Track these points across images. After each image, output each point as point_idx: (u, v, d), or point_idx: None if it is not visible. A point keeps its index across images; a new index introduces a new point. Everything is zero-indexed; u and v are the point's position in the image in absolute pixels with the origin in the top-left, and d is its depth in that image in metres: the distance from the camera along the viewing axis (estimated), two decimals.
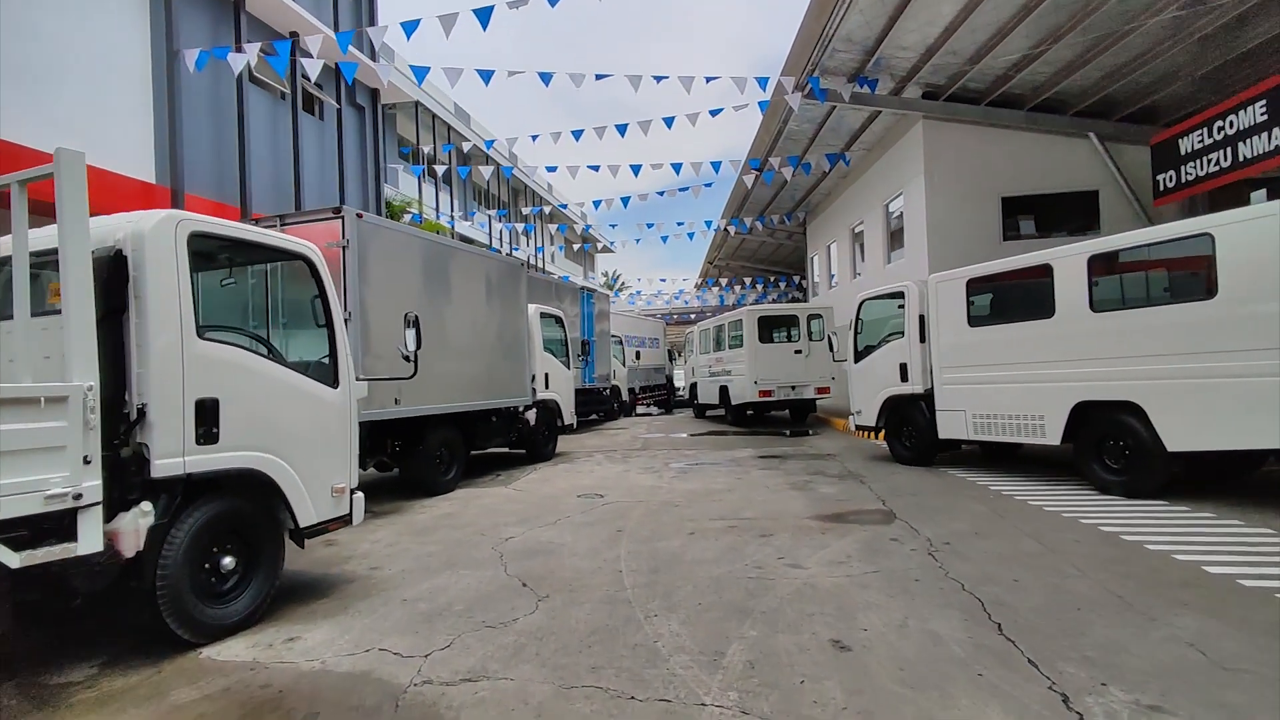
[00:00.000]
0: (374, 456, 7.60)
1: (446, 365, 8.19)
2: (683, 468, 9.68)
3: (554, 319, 11.70)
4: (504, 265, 9.77)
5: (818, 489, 7.64)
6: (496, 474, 9.65)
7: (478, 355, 8.89)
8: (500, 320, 9.52)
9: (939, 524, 5.75)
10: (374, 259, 7.08)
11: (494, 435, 9.44)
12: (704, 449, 11.92)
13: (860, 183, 16.55)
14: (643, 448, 12.37)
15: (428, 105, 19.79)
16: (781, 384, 14.66)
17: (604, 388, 18.64)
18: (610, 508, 6.98)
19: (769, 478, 8.51)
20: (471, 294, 8.87)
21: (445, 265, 8.31)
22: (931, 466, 8.87)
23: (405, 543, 5.83)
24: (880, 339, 9.65)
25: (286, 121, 11.39)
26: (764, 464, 9.73)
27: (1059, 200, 12.18)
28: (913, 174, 12.92)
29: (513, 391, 9.71)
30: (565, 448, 12.55)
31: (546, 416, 10.88)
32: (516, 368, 9.86)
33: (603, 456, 11.22)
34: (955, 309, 8.17)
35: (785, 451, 11.12)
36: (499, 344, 9.43)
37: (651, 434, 15.16)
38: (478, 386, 8.84)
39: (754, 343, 14.70)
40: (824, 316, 15.03)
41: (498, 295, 9.49)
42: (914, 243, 13.20)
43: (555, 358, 11.34)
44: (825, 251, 21.02)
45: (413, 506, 7.45)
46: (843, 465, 9.39)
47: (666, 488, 8.05)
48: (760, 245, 29.81)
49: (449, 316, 8.32)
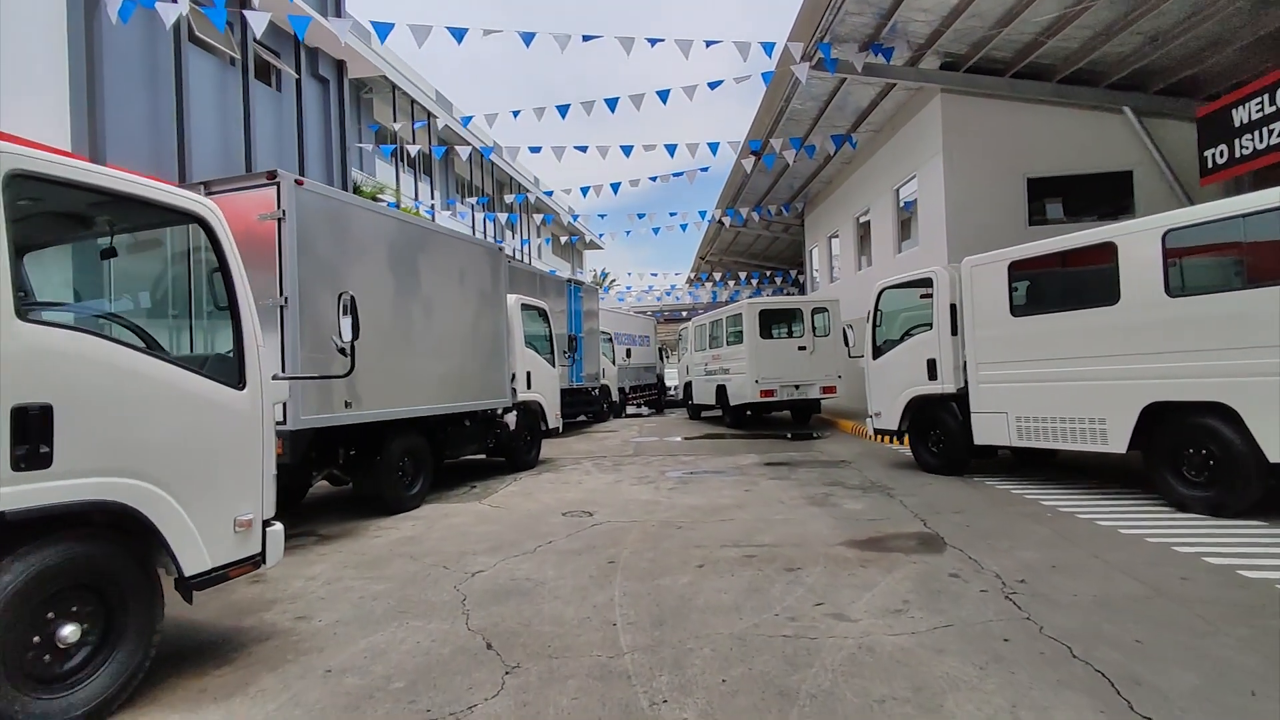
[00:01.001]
0: (322, 468, 6.53)
1: (411, 362, 7.14)
2: (681, 477, 8.67)
3: (537, 312, 10.66)
4: (480, 250, 8.72)
5: (841, 504, 6.66)
6: (471, 485, 8.61)
7: (448, 351, 7.84)
8: (475, 312, 8.47)
9: (1002, 553, 4.78)
10: (319, 235, 6.01)
11: (468, 442, 8.39)
12: (703, 454, 10.93)
13: (867, 167, 15.63)
14: (635, 453, 11.37)
15: (402, 85, 18.66)
16: (784, 383, 13.70)
17: (593, 387, 17.62)
18: (601, 530, 5.96)
19: (781, 489, 7.53)
20: (441, 281, 7.82)
21: (409, 247, 7.25)
22: (963, 476, 7.92)
23: (349, 579, 4.78)
24: (903, 332, 8.69)
25: (236, 91, 10.28)
26: (772, 472, 8.75)
27: (1089, 182, 11.29)
28: (929, 154, 11.99)
29: (489, 392, 8.67)
30: (550, 453, 11.52)
31: (528, 420, 9.84)
32: (494, 366, 8.82)
33: (591, 464, 10.20)
34: (995, 297, 7.21)
35: (793, 457, 10.15)
36: (473, 339, 8.38)
37: (644, 437, 14.16)
38: (448, 387, 7.79)
39: (755, 338, 13.73)
40: (830, 310, 14.08)
41: (472, 283, 8.45)
42: (929, 229, 12.27)
43: (538, 355, 10.30)
44: (826, 243, 20.11)
45: (367, 528, 6.39)
46: (862, 474, 8.43)
47: (665, 503, 7.05)
48: (755, 239, 28.91)
49: (414, 307, 7.27)
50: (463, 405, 8.05)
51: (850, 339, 9.38)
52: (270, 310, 5.59)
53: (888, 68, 11.10)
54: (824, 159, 16.57)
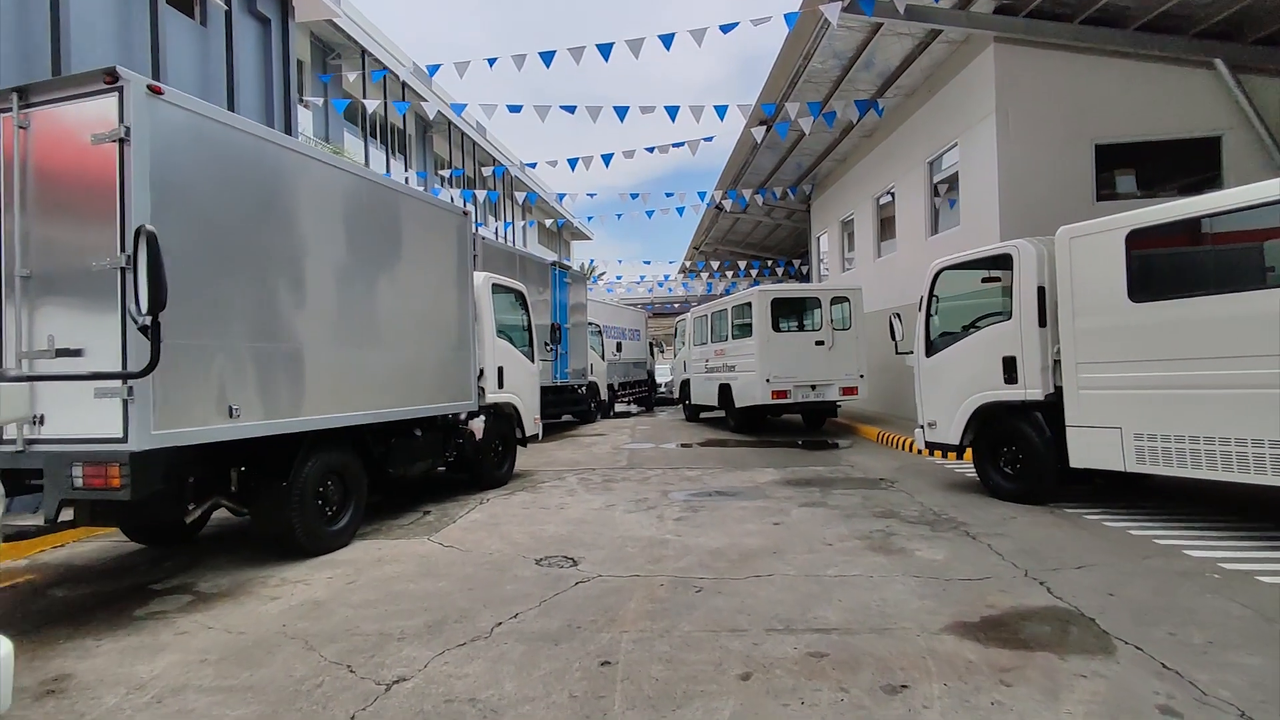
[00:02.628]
0: (204, 497, 4.79)
1: (338, 355, 5.42)
2: (688, 500, 7.02)
3: (513, 296, 8.95)
4: (439, 214, 7.00)
5: (910, 548, 5.03)
6: (424, 511, 6.89)
7: (393, 341, 6.13)
8: (432, 292, 6.76)
9: (1207, 657, 3.16)
10: (190, 172, 4.27)
11: (419, 457, 6.68)
12: (709, 467, 9.28)
13: (892, 140, 14.01)
14: (629, 465, 9.70)
15: (372, 50, 16.80)
16: (799, 382, 12.07)
17: (579, 385, 15.93)
18: (589, 592, 4.29)
19: (821, 522, 5.89)
20: (384, 249, 6.10)
21: (338, 200, 5.52)
22: (1047, 504, 6.33)
23: (195, 691, 3.08)
24: (968, 324, 7.09)
25: (143, 19, 8.47)
26: (801, 495, 7.12)
27: (1168, 149, 9.72)
28: (977, 117, 10.37)
29: (449, 393, 6.96)
30: (527, 464, 9.83)
31: (500, 426, 8.13)
32: (456, 360, 7.11)
33: (577, 480, 8.52)
34: (1106, 277, 5.60)
35: (819, 473, 8.52)
36: (428, 326, 6.67)
37: (637, 443, 12.49)
38: (393, 387, 6.08)
39: (765, 331, 12.09)
40: (851, 300, 12.46)
41: (428, 255, 6.73)
42: (975, 206, 10.67)
43: (514, 347, 8.59)
44: (838, 228, 18.50)
45: (266, 581, 4.68)
46: (915, 499, 6.82)
47: (674, 543, 5.39)
48: (755, 227, 27.27)
49: (342, 281, 5.55)
50: (412, 410, 6.34)
51: (898, 332, 7.76)
52: (105, 276, 3.87)
53: (935, 9, 9.47)
54: (844, 129, 14.94)
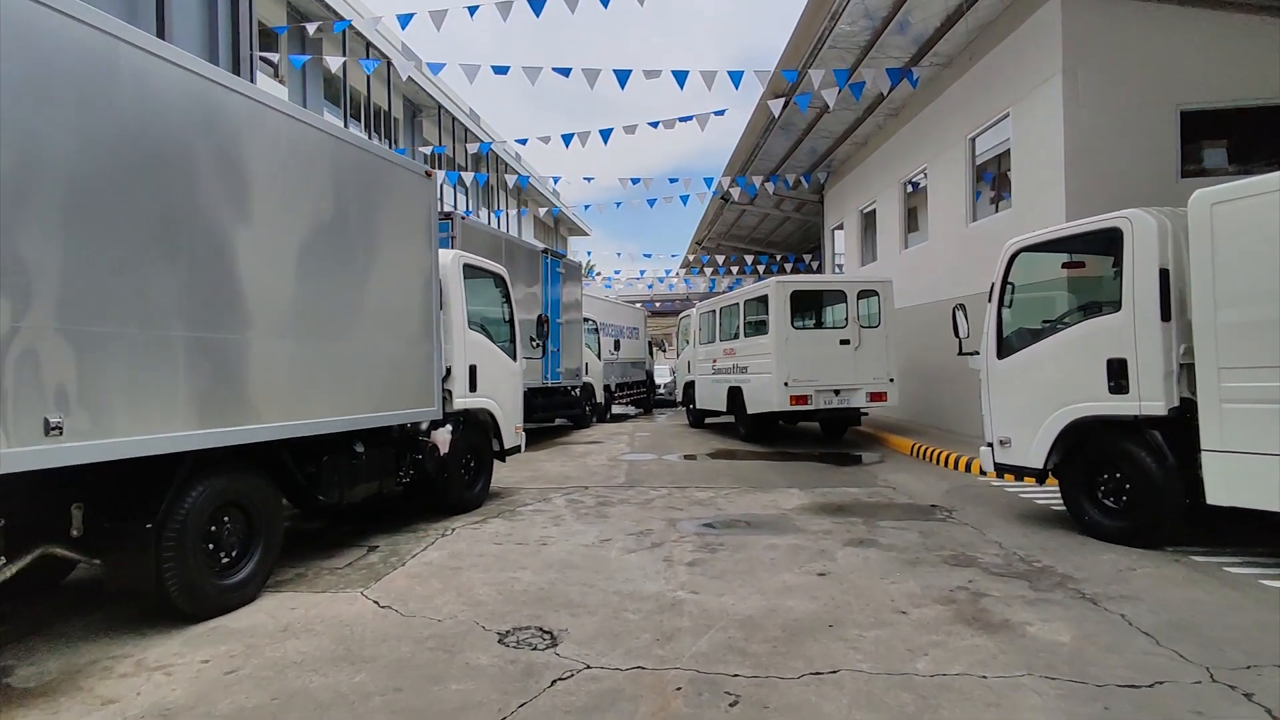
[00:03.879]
0: (27, 547, 3.39)
1: (233, 346, 4.04)
2: (702, 534, 5.66)
3: (492, 279, 7.58)
4: (390, 169, 5.61)
5: (1018, 622, 3.67)
6: (370, 546, 5.51)
7: (320, 329, 4.76)
8: (380, 269, 5.39)
9: None
10: (21, 88, 2.89)
11: (362, 478, 5.29)
12: (722, 485, 7.92)
13: (926, 116, 12.67)
14: (628, 482, 8.33)
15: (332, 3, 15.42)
16: (821, 386, 10.71)
17: (573, 386, 14.60)
18: (569, 701, 2.91)
19: (878, 571, 4.54)
20: (309, 208, 4.72)
21: (235, 135, 4.13)
22: (1163, 548, 4.99)
23: None
24: (1055, 317, 5.74)
25: None
26: (840, 527, 5.76)
27: (1266, 117, 8.37)
28: (1039, 79, 9.00)
29: (403, 397, 5.58)
30: (508, 479, 8.46)
31: (472, 437, 6.75)
32: (413, 356, 5.74)
33: (565, 502, 7.15)
34: (1264, 255, 4.25)
35: (856, 497, 7.17)
36: (373, 311, 5.30)
37: (637, 454, 11.12)
38: (321, 389, 4.70)
39: (784, 327, 10.72)
40: (880, 294, 11.11)
41: (375, 222, 5.35)
42: (1033, 184, 9.32)
43: (490, 341, 7.21)
44: (856, 219, 17.16)
45: (112, 666, 3.30)
46: (985, 536, 5.46)
47: (690, 605, 4.02)
48: (761, 220, 25.94)
49: (242, 247, 4.16)
50: (350, 420, 4.96)
51: (962, 328, 6.38)
52: None
53: None
54: (869, 105, 13.58)
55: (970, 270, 11.01)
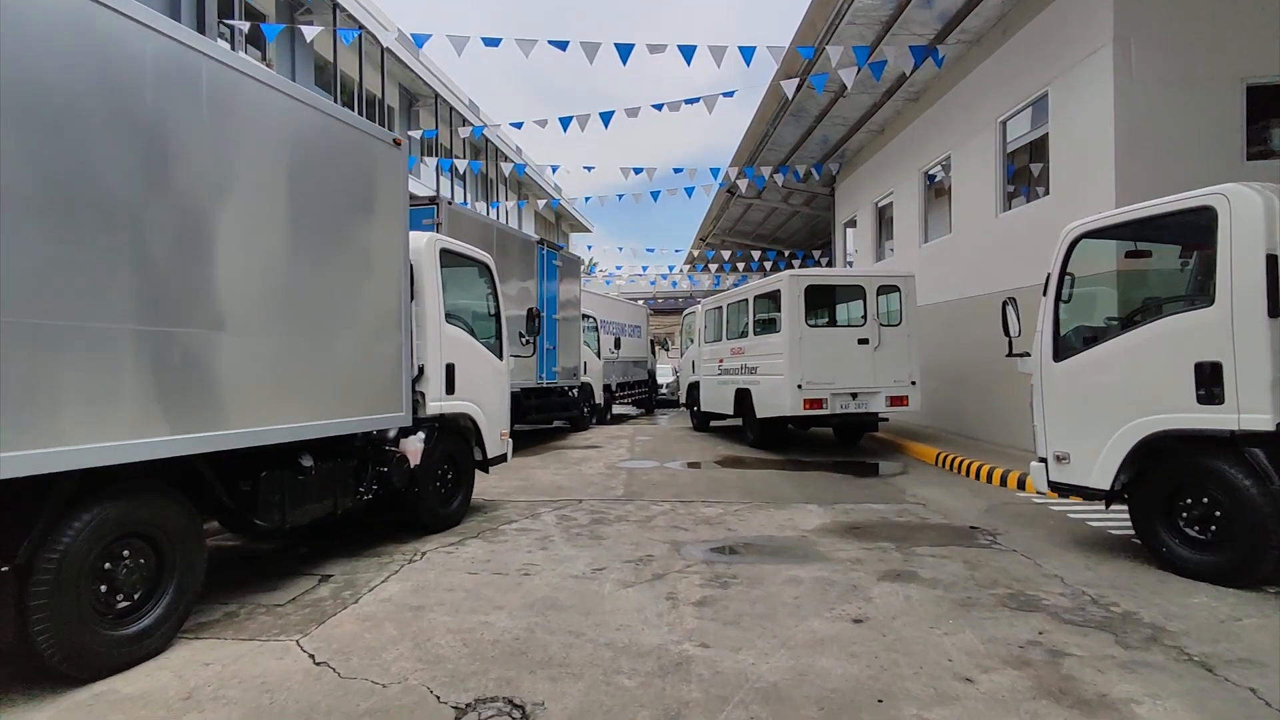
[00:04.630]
0: None
1: (135, 338, 3.27)
2: (711, 562, 4.88)
3: (477, 268, 6.81)
4: (349, 134, 4.82)
5: (1119, 698, 2.89)
6: (322, 575, 4.75)
7: (254, 320, 3.99)
8: (334, 252, 4.62)
9: None
10: None
11: (311, 497, 4.51)
12: (730, 499, 7.14)
13: (951, 99, 11.88)
14: (626, 494, 7.56)
15: None
16: (838, 389, 9.93)
17: (571, 386, 13.83)
18: None
19: (926, 617, 3.76)
20: (242, 174, 3.94)
21: (143, 85, 3.36)
22: (1261, 588, 4.21)
23: None
24: (1123, 316, 4.97)
25: None
26: (871, 554, 4.98)
27: None
28: (1085, 51, 8.19)
29: (363, 402, 4.80)
30: (495, 490, 7.69)
31: (449, 446, 5.98)
32: (376, 354, 4.97)
33: (555, 519, 6.38)
34: None
35: (882, 514, 6.39)
36: (326, 301, 4.53)
37: (637, 461, 10.34)
38: (255, 392, 3.93)
39: (798, 325, 9.94)
40: (902, 289, 10.32)
41: (330, 196, 4.58)
42: (1076, 168, 8.52)
43: (472, 338, 6.44)
44: (870, 212, 16.36)
45: None
46: (1041, 567, 4.68)
47: (700, 663, 3.24)
48: (768, 215, 25.14)
49: (154, 218, 3.39)
50: (293, 429, 4.18)
51: (1013, 325, 5.58)
52: None
53: None
54: (887, 89, 12.78)
55: (1000, 264, 10.22)
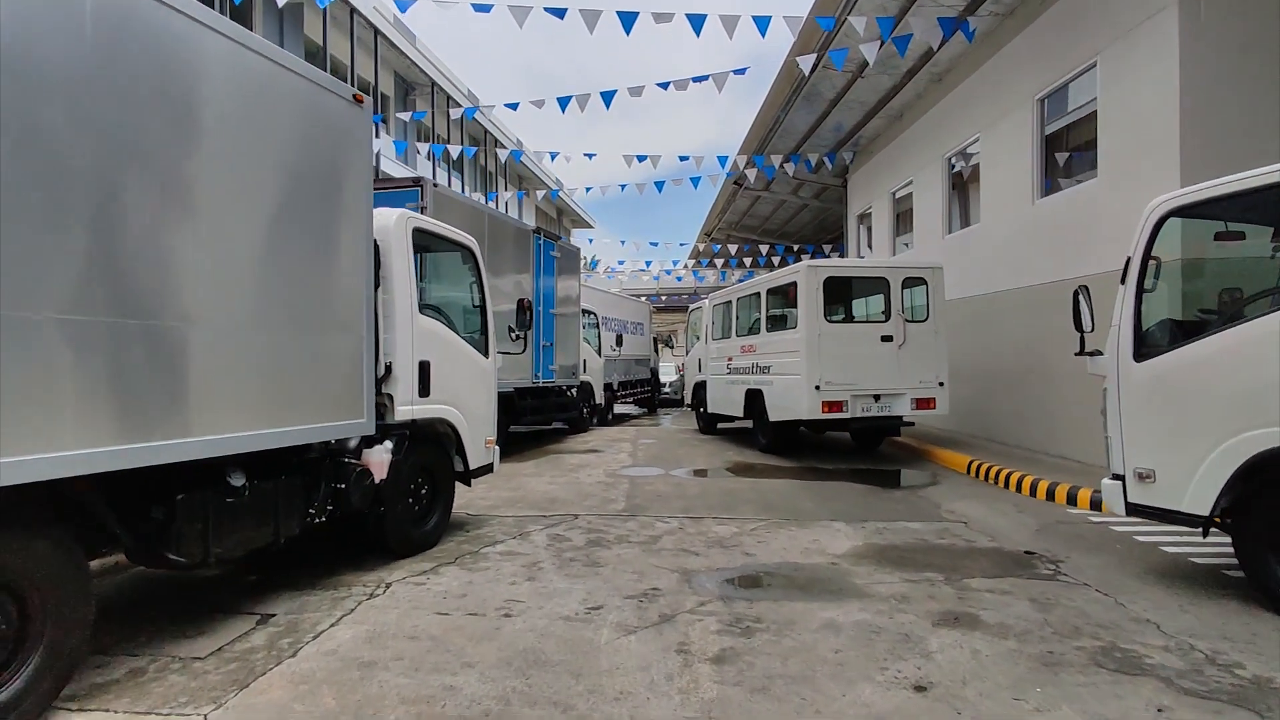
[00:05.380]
0: None
1: (13, 327, 2.50)
2: (729, 599, 4.10)
3: (455, 250, 6.03)
4: (299, 86, 4.04)
5: None
6: (261, 616, 3.98)
7: (177, 306, 3.22)
8: (280, 225, 3.84)
9: None
10: None
11: (244, 524, 3.72)
12: (746, 515, 6.37)
13: (979, 79, 11.08)
14: (628, 508, 6.78)
15: None
16: (860, 391, 9.14)
17: (569, 385, 13.06)
18: None
19: (1007, 683, 2.98)
20: (163, 131, 3.17)
21: (30, 15, 2.59)
22: None
23: None
24: (1231, 309, 4.18)
25: None
26: (917, 588, 4.21)
27: None
28: (1145, 13, 7.35)
29: (310, 406, 4.02)
30: (482, 500, 6.93)
31: (423, 457, 5.21)
32: (329, 349, 4.20)
33: (545, 540, 5.60)
34: None
35: (919, 535, 5.61)
36: (266, 284, 3.75)
37: (639, 467, 9.57)
38: (172, 396, 3.16)
39: (816, 321, 9.16)
40: (929, 282, 9.52)
41: (275, 158, 3.81)
42: (1130, 144, 7.72)
43: (452, 331, 5.67)
44: (887, 203, 15.57)
45: None
46: (1125, 607, 3.90)
47: None
48: (777, 208, 24.36)
49: (43, 177, 2.62)
50: (219, 442, 3.40)
51: (1086, 318, 4.77)
52: None
53: None
54: (915, 63, 11.96)
55: (1037, 255, 9.44)
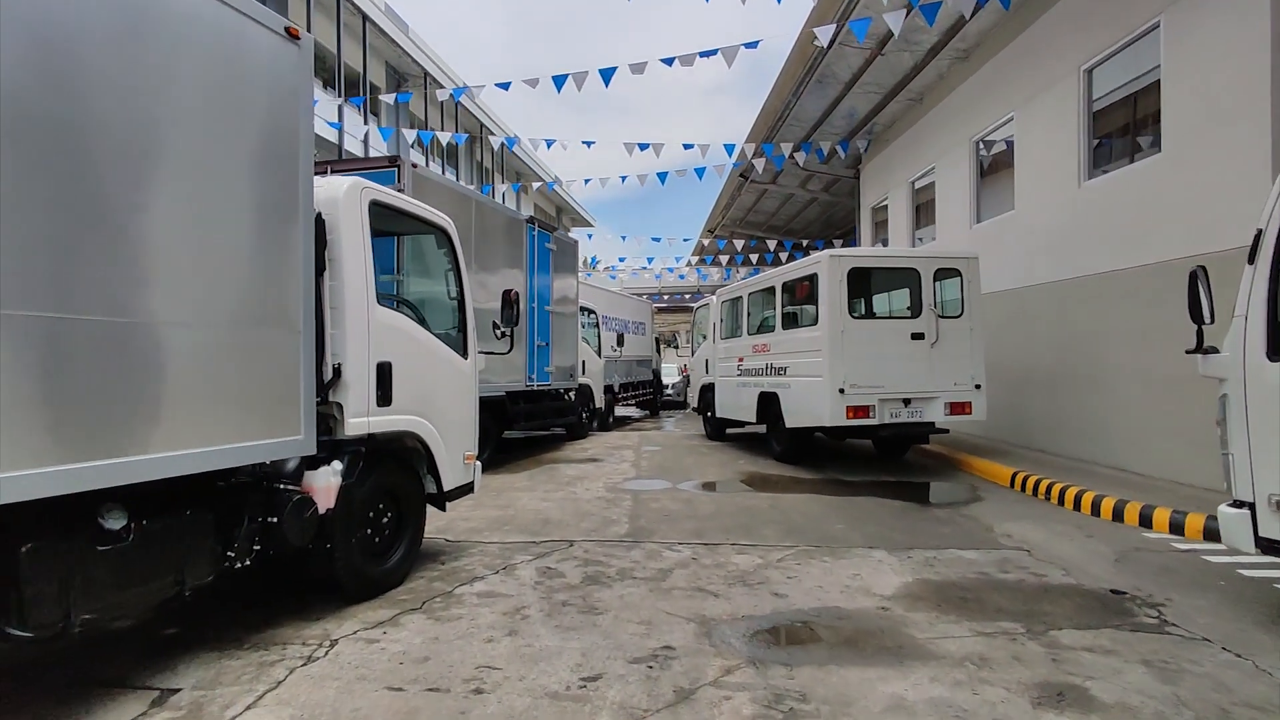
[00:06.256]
0: None
1: None
2: (762, 664, 3.22)
3: (435, 235, 5.17)
4: (219, 13, 3.18)
5: None
6: (164, 688, 3.10)
7: (33, 292, 2.34)
8: (180, 189, 2.97)
9: None
10: None
11: (130, 577, 2.85)
12: (769, 540, 5.49)
13: (1011, 51, 10.22)
14: (632, 534, 5.91)
15: None
16: (887, 394, 8.27)
17: (566, 389, 12.21)
18: None
19: None
20: (30, 65, 2.30)
21: None
22: None
23: None
24: None
25: None
26: (999, 651, 3.33)
27: None
28: None
29: (227, 421, 3.16)
30: (462, 522, 6.06)
31: (385, 480, 4.33)
32: (255, 346, 3.33)
33: (534, 576, 4.73)
34: None
35: (980, 568, 4.73)
36: (165, 266, 2.88)
37: (643, 480, 8.69)
38: (19, 412, 2.29)
39: (840, 316, 8.29)
40: (964, 274, 8.64)
41: (174, 102, 2.94)
42: (1203, 115, 6.81)
43: (423, 329, 4.80)
44: (905, 193, 14.69)
45: None
46: None
47: None
48: (784, 203, 23.49)
49: None
50: (86, 472, 2.54)
51: (1208, 309, 3.88)
52: None
53: None
54: (940, 37, 11.09)
55: (1085, 243, 8.57)
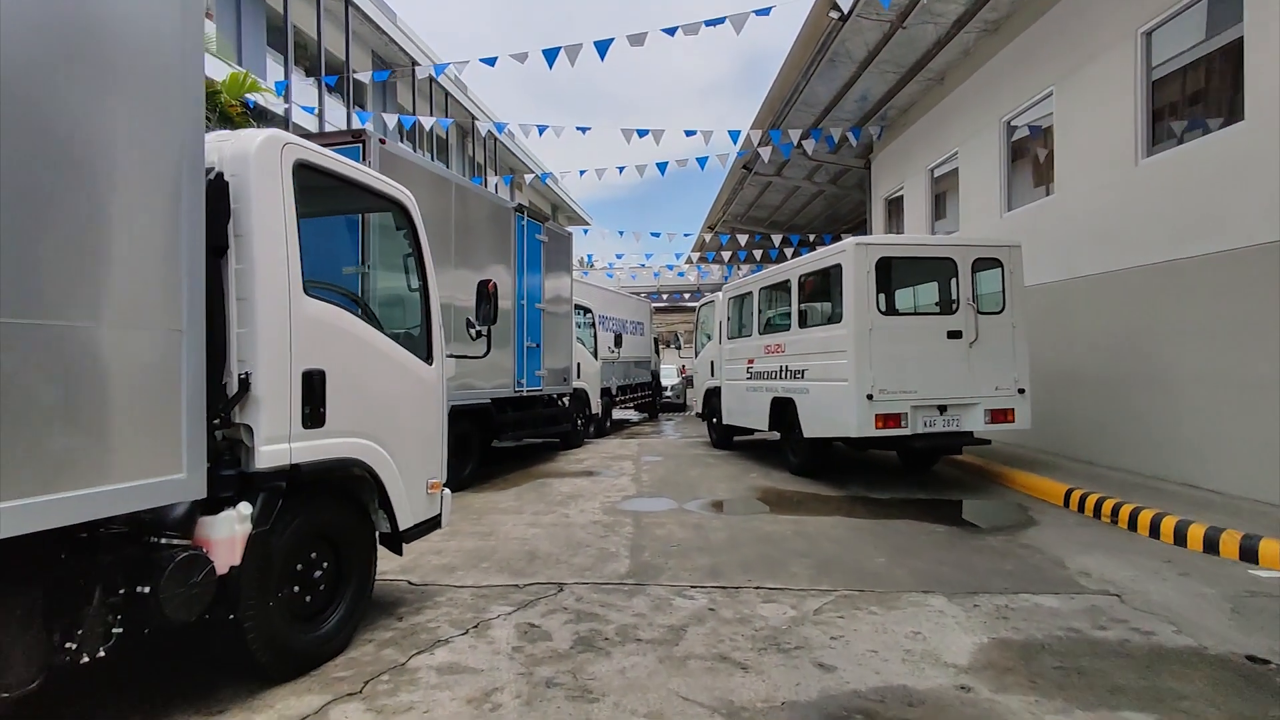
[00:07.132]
0: None
1: None
2: None
3: (378, 204, 4.23)
4: None
5: None
6: None
7: None
8: (40, 169, 2.04)
9: None
10: None
11: None
12: (800, 581, 4.57)
13: (1048, 22, 9.33)
14: (634, 572, 4.97)
15: None
16: (921, 400, 7.35)
17: (560, 394, 11.29)
18: None
19: None
20: None
21: None
22: None
23: None
24: None
25: None
26: None
27: None
28: None
29: (59, 470, 2.23)
30: (433, 556, 5.12)
31: (320, 521, 3.39)
32: (113, 358, 2.39)
33: (513, 634, 3.79)
34: None
35: (1066, 620, 3.80)
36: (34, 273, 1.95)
37: (645, 498, 7.75)
38: None
39: (868, 312, 7.37)
40: (1005, 265, 7.73)
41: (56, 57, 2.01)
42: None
43: (371, 327, 3.86)
44: (924, 181, 13.78)
45: None
46: None
47: None
48: (789, 196, 22.59)
49: None
50: None
51: None
52: None
53: None
54: (966, 7, 10.18)
55: (1142, 228, 7.66)
